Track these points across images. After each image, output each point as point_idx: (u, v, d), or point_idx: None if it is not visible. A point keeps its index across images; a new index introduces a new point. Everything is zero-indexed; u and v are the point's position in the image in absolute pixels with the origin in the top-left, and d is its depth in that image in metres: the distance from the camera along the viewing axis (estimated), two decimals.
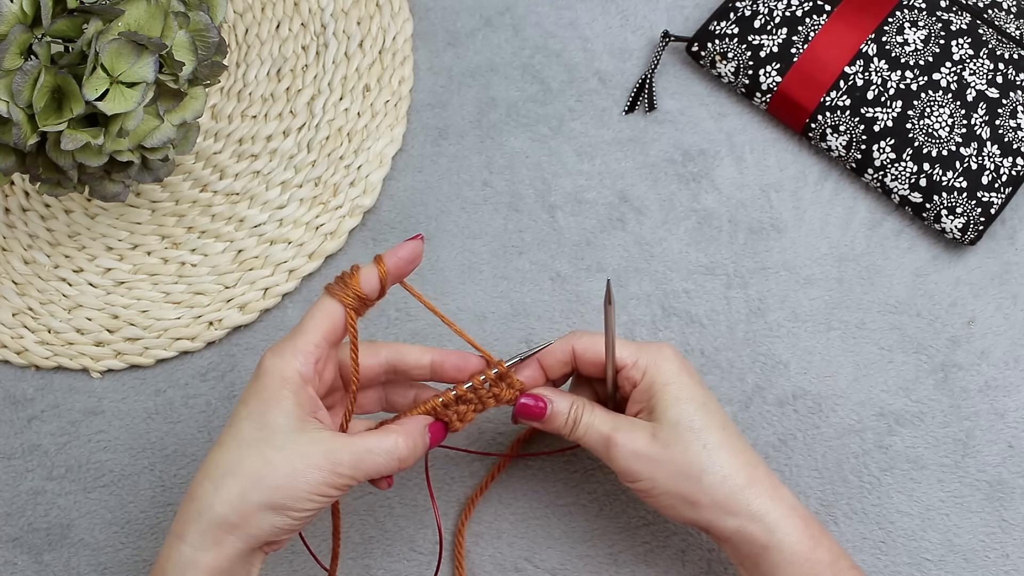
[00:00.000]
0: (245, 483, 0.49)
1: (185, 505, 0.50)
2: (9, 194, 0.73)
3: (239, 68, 0.75)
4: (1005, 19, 0.69)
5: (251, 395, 0.50)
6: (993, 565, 0.64)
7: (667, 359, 0.55)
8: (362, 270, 0.53)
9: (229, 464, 0.49)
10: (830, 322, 0.68)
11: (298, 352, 0.51)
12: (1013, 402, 0.66)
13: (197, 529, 0.49)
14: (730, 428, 0.55)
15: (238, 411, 0.51)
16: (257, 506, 0.49)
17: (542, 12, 0.75)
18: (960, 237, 0.68)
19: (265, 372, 0.50)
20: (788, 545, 0.53)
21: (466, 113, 0.74)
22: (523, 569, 0.65)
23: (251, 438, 0.49)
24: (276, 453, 0.49)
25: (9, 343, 0.70)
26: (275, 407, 0.50)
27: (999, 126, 0.67)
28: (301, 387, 0.51)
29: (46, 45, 0.55)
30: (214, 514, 0.49)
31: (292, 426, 0.50)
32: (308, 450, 0.49)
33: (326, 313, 0.52)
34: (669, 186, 0.71)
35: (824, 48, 0.69)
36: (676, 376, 0.55)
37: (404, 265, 0.54)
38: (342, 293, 0.52)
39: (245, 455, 0.49)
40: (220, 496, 0.49)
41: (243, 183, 0.72)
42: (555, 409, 0.56)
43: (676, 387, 0.55)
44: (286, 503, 0.49)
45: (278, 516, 0.49)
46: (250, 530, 0.49)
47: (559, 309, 0.69)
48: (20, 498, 0.68)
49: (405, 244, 0.54)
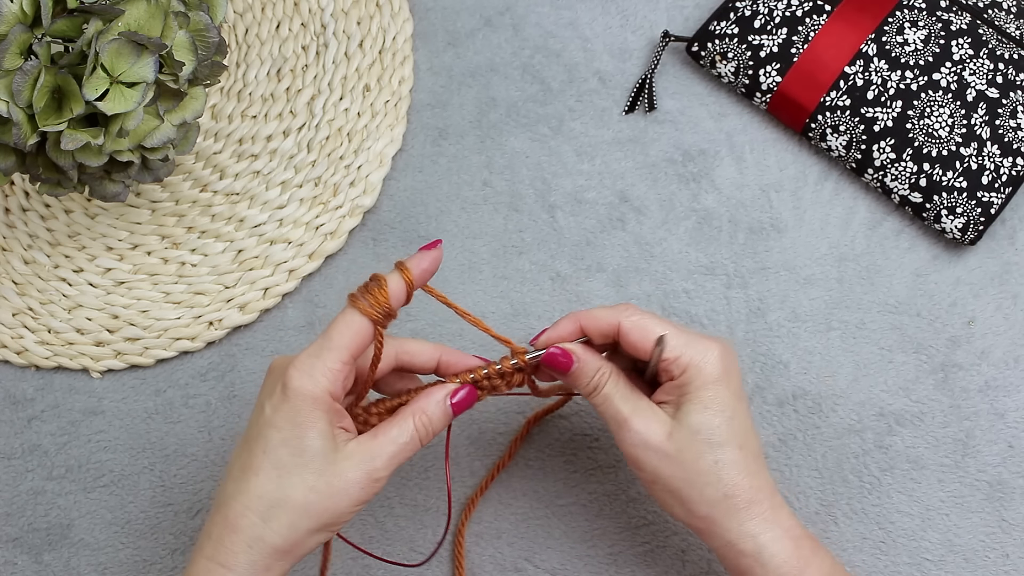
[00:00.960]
0: (294, 515, 0.49)
1: (226, 534, 0.50)
2: (9, 194, 0.73)
3: (239, 68, 0.75)
4: (1005, 19, 0.69)
5: (282, 418, 0.50)
6: (993, 565, 0.64)
7: (711, 362, 0.54)
8: (390, 282, 0.51)
9: (273, 495, 0.49)
10: (830, 322, 0.68)
11: (328, 372, 0.50)
12: (1013, 402, 0.66)
13: (248, 560, 0.49)
14: (750, 447, 0.54)
15: (269, 435, 0.50)
16: (307, 532, 0.50)
17: (542, 12, 0.75)
18: (960, 237, 0.68)
19: (296, 394, 0.50)
20: (775, 567, 0.53)
21: (466, 113, 0.74)
22: (523, 569, 0.65)
23: (291, 464, 0.49)
24: (318, 479, 0.49)
25: (9, 343, 0.70)
26: (310, 431, 0.49)
27: (999, 126, 0.67)
28: (331, 406, 0.50)
29: (46, 45, 0.55)
30: (266, 545, 0.49)
31: (328, 447, 0.50)
32: (345, 466, 0.50)
33: (355, 329, 0.51)
34: (669, 186, 0.71)
35: (824, 48, 0.69)
36: (713, 383, 0.53)
37: (428, 275, 0.53)
38: (371, 309, 0.51)
39: (288, 484, 0.49)
40: (271, 528, 0.49)
41: (243, 183, 0.72)
42: (581, 367, 0.55)
43: (709, 394, 0.53)
44: (332, 522, 0.50)
45: (323, 534, 0.51)
46: (299, 552, 0.50)
47: (559, 309, 0.69)
48: (20, 498, 0.68)
49: (428, 253, 0.53)
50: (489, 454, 0.67)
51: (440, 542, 0.63)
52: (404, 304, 0.52)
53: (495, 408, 0.67)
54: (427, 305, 0.69)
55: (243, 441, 0.52)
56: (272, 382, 0.51)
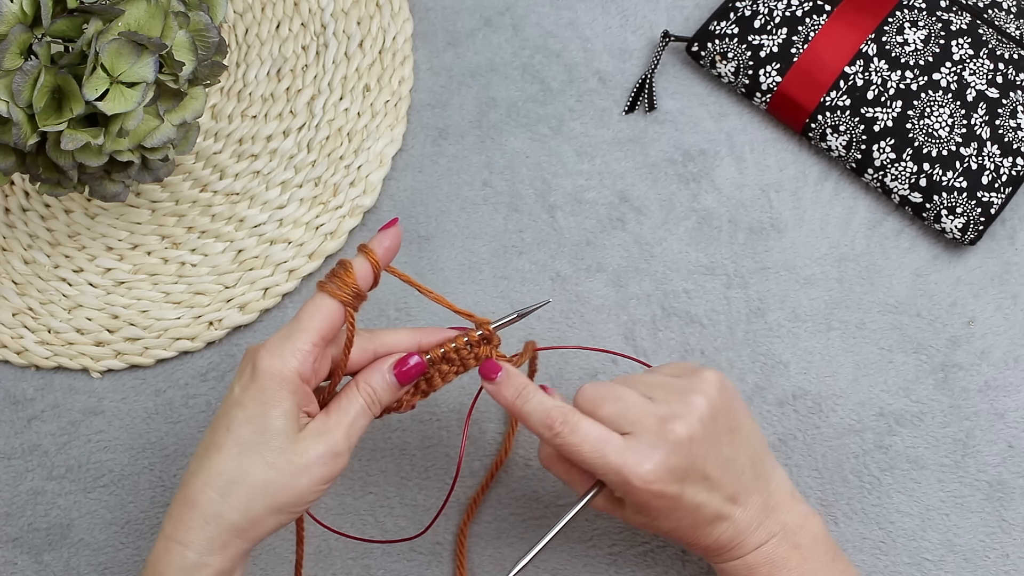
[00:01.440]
0: (252, 491, 0.49)
1: (185, 511, 0.50)
2: (9, 194, 0.73)
3: (239, 68, 0.75)
4: (1005, 19, 0.69)
5: (248, 397, 0.50)
6: (993, 565, 0.64)
7: (642, 475, 0.51)
8: (356, 264, 0.52)
9: (233, 471, 0.49)
10: (830, 322, 0.68)
11: (297, 352, 0.50)
12: (1013, 402, 0.66)
13: (204, 536, 0.49)
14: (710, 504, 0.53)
15: (234, 413, 0.50)
16: (265, 510, 0.49)
17: (542, 12, 0.75)
18: (960, 237, 0.68)
19: (263, 373, 0.50)
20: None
21: (466, 113, 0.74)
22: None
23: (252, 442, 0.49)
24: (278, 456, 0.49)
25: (9, 343, 0.70)
26: (274, 409, 0.50)
27: (999, 126, 0.67)
28: (299, 387, 0.50)
29: (46, 45, 0.55)
30: (224, 521, 0.49)
31: (291, 427, 0.50)
32: (307, 444, 0.50)
33: (324, 312, 0.51)
34: (669, 186, 0.71)
35: (824, 48, 0.69)
36: (645, 497, 0.52)
37: (392, 253, 0.54)
38: (341, 292, 0.51)
39: (248, 461, 0.49)
40: (228, 504, 0.49)
41: (243, 183, 0.72)
42: (507, 375, 0.54)
43: (642, 503, 0.52)
44: (293, 502, 0.50)
45: (284, 515, 0.50)
46: (258, 532, 0.50)
47: (559, 309, 0.69)
48: (20, 498, 0.68)
49: (387, 232, 0.53)
50: (489, 454, 0.67)
51: (441, 508, 0.60)
52: (373, 286, 0.53)
53: (496, 408, 0.67)
54: (427, 305, 0.69)
55: (212, 422, 0.52)
56: (244, 365, 0.52)
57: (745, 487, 0.55)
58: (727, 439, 0.54)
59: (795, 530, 0.55)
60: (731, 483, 0.54)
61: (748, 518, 0.54)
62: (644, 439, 0.51)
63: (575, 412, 0.52)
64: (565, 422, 0.52)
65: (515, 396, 0.54)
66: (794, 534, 0.55)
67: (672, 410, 0.53)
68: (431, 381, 0.55)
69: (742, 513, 0.54)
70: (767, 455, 0.57)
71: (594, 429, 0.52)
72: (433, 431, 0.67)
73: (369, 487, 0.66)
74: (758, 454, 0.56)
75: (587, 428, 0.52)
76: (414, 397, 0.56)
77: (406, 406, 0.56)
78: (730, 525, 0.54)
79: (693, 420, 0.52)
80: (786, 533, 0.55)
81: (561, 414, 0.52)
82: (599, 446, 0.51)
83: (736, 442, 0.55)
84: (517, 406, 0.53)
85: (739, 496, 0.54)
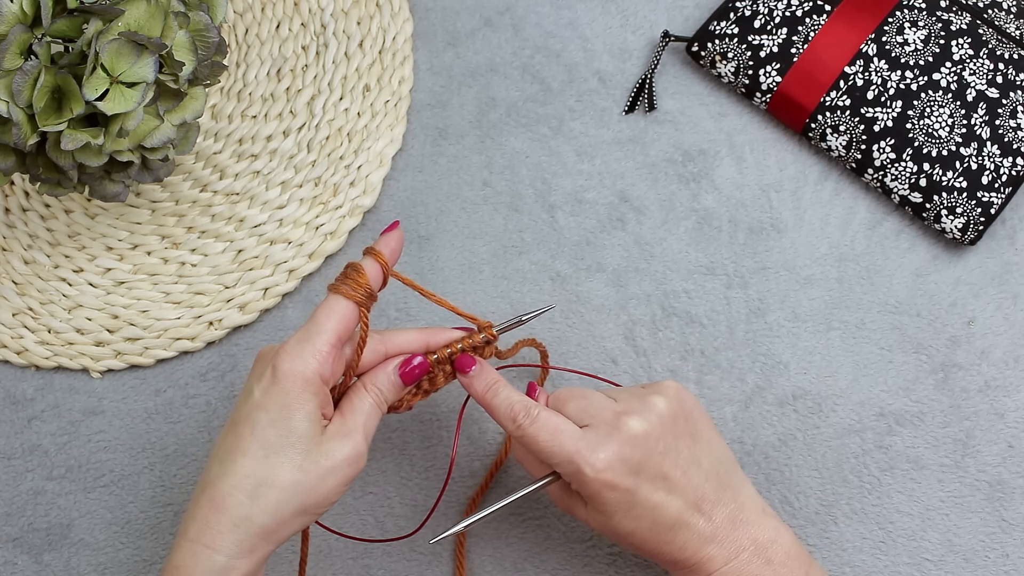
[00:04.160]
0: (281, 493, 0.50)
1: (212, 514, 0.50)
2: (9, 194, 0.73)
3: (239, 68, 0.75)
4: (1005, 19, 0.69)
5: (271, 400, 0.50)
6: (993, 565, 0.64)
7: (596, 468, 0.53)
8: (365, 265, 0.53)
9: (260, 474, 0.50)
10: (830, 322, 0.68)
11: (317, 353, 0.51)
12: (1013, 402, 0.66)
13: (233, 539, 0.49)
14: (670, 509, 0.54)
15: (257, 416, 0.50)
16: (293, 512, 0.50)
17: (542, 12, 0.75)
18: (960, 237, 0.68)
19: (285, 376, 0.50)
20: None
21: (466, 113, 0.74)
22: (523, 569, 0.65)
23: (278, 445, 0.50)
24: (305, 459, 0.50)
25: (9, 343, 0.70)
26: (298, 412, 0.50)
27: (999, 126, 0.67)
28: (320, 388, 0.51)
29: (46, 45, 0.55)
30: (253, 524, 0.49)
31: (315, 429, 0.50)
32: (332, 446, 0.51)
33: (340, 313, 0.52)
34: (669, 186, 0.71)
35: (824, 48, 0.69)
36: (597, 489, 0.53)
37: (397, 255, 0.55)
38: (354, 293, 0.52)
39: (275, 464, 0.50)
40: (258, 507, 0.49)
41: (243, 183, 0.72)
42: (481, 370, 0.56)
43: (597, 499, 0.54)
44: (318, 503, 0.51)
45: (308, 516, 0.51)
46: (283, 534, 0.51)
47: (559, 309, 0.69)
48: (20, 498, 0.68)
49: (391, 234, 0.55)
50: (489, 454, 0.67)
51: (435, 505, 0.61)
52: (382, 287, 0.55)
53: None
54: (427, 305, 0.69)
55: (229, 424, 0.52)
56: (261, 367, 0.52)
57: (707, 496, 0.54)
58: (687, 442, 0.55)
59: (766, 545, 0.55)
60: (692, 489, 0.54)
61: (713, 529, 0.54)
62: (600, 430, 0.54)
63: (538, 406, 0.54)
64: (527, 414, 0.54)
65: (485, 390, 0.56)
66: (766, 549, 0.55)
67: (630, 407, 0.55)
68: (433, 380, 0.57)
69: (706, 523, 0.54)
70: (734, 468, 0.57)
71: (553, 419, 0.54)
72: (433, 431, 0.67)
73: (369, 487, 0.66)
74: (723, 465, 0.56)
75: (546, 418, 0.54)
76: (415, 397, 0.57)
77: (406, 406, 0.57)
78: (693, 534, 0.54)
79: (651, 416, 0.54)
80: (757, 548, 0.54)
81: (524, 407, 0.54)
82: (554, 435, 0.53)
83: (697, 447, 0.56)
84: (487, 399, 0.55)
85: (702, 504, 0.54)
